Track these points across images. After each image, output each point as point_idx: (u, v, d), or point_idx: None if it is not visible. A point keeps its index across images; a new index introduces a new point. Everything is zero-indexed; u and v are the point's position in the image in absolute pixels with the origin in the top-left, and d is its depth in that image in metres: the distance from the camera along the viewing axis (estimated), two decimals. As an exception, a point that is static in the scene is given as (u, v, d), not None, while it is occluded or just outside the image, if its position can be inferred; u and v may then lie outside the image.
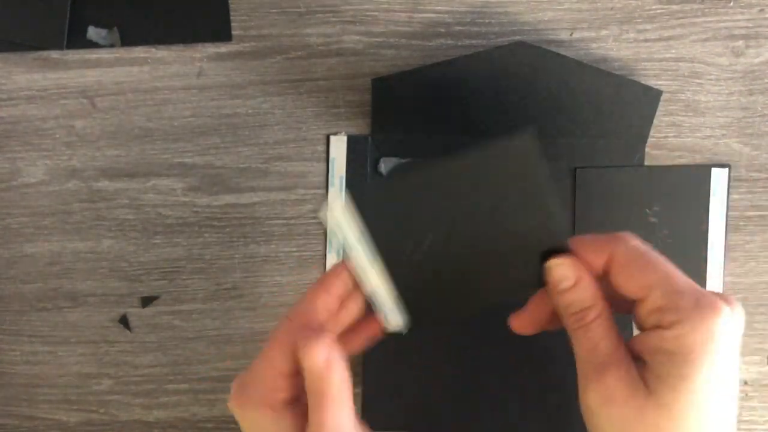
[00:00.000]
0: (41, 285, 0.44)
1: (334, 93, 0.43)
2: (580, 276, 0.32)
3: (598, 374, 0.30)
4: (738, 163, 0.44)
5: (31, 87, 0.43)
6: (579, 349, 0.31)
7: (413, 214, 0.32)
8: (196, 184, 0.44)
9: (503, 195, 0.31)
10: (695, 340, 0.28)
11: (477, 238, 0.32)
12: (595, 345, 0.31)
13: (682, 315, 0.29)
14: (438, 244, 0.32)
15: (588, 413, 0.31)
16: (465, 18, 0.43)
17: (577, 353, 0.32)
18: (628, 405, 0.29)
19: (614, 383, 0.30)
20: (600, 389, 0.30)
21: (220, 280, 0.44)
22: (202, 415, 0.45)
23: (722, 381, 0.29)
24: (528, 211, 0.32)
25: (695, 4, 0.43)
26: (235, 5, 0.43)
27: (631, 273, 0.31)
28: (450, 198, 0.32)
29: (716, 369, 0.28)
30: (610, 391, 0.29)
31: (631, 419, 0.29)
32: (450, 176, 0.31)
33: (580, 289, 0.31)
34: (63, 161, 0.44)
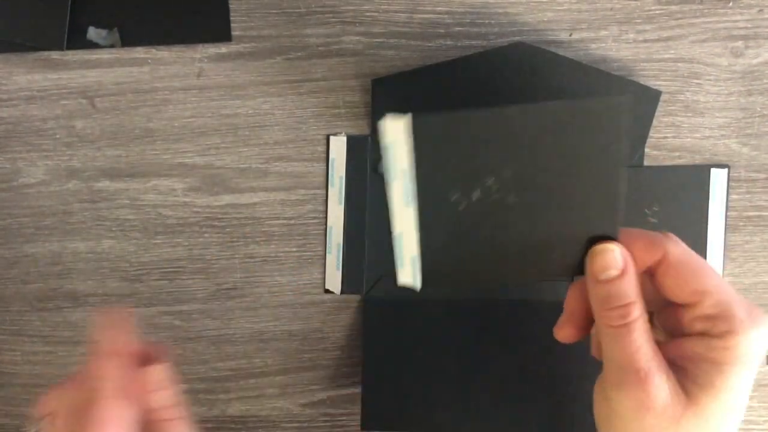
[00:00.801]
0: (42, 285, 0.44)
1: (334, 93, 0.43)
2: (627, 266, 0.30)
3: (637, 380, 0.29)
4: (737, 163, 0.44)
5: (31, 87, 0.43)
6: (615, 351, 0.29)
7: (473, 159, 0.28)
8: (196, 185, 0.44)
9: (575, 159, 0.29)
10: (746, 351, 0.28)
11: (530, 203, 0.29)
12: (637, 348, 0.29)
13: (736, 326, 0.28)
14: (488, 198, 0.29)
15: (614, 417, 0.30)
16: (465, 18, 0.43)
17: (613, 355, 0.30)
18: (665, 413, 0.29)
19: (655, 391, 0.29)
20: (639, 396, 0.29)
21: (220, 281, 0.44)
22: (202, 415, 0.45)
23: (749, 385, 0.30)
24: (593, 186, 0.29)
25: (694, 5, 0.43)
26: (235, 6, 0.43)
27: (684, 276, 0.30)
28: (518, 147, 0.28)
29: (751, 376, 0.29)
30: (650, 399, 0.29)
31: (665, 426, 0.29)
32: (528, 122, 0.28)
33: (625, 281, 0.29)
34: (63, 161, 0.44)
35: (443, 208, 0.29)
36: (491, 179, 0.28)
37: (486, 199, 0.29)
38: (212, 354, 0.45)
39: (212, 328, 0.45)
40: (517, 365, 0.44)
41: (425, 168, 0.28)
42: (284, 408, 0.45)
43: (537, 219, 0.29)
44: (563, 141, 0.28)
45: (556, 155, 0.28)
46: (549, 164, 0.29)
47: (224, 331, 0.45)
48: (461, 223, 0.29)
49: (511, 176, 0.28)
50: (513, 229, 0.30)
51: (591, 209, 0.29)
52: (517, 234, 0.30)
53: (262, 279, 0.44)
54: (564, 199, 0.29)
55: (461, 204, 0.29)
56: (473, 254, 0.30)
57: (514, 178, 0.28)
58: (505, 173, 0.28)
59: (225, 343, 0.45)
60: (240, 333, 0.45)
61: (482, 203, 0.29)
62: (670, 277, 0.30)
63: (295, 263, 0.44)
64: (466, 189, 0.28)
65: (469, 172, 0.28)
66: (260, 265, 0.44)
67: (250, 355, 0.45)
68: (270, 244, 0.44)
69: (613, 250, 0.30)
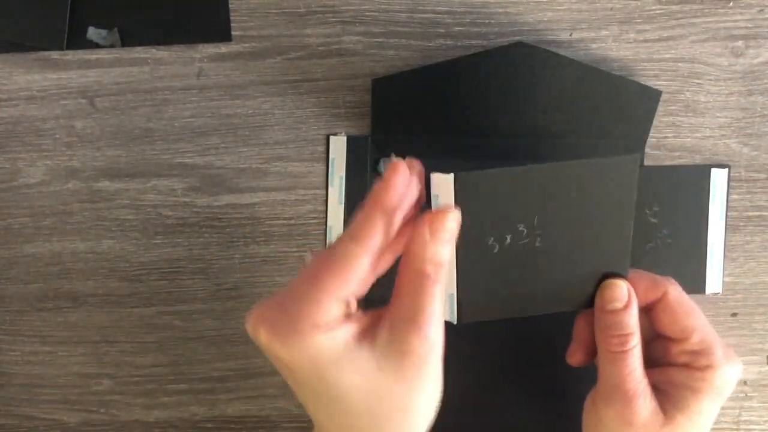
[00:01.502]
0: (41, 285, 0.44)
1: (334, 93, 0.43)
2: (631, 300, 0.34)
3: (625, 398, 0.34)
4: (737, 163, 0.44)
5: (31, 87, 0.43)
6: (613, 372, 0.34)
7: (507, 208, 0.33)
8: (196, 185, 0.44)
9: (591, 209, 0.33)
10: (721, 384, 0.34)
11: (554, 246, 0.34)
12: (631, 371, 0.34)
13: (715, 362, 0.34)
14: (518, 241, 0.33)
15: (601, 427, 0.35)
16: (465, 18, 0.43)
17: (608, 374, 0.35)
18: (645, 428, 0.34)
19: (638, 409, 0.34)
20: (624, 412, 0.34)
21: (220, 281, 0.44)
22: (202, 415, 0.45)
23: (717, 411, 0.35)
24: (607, 230, 0.34)
25: (695, 5, 0.43)
26: (235, 6, 0.43)
27: (678, 315, 0.35)
28: (545, 198, 0.33)
29: (720, 404, 0.35)
30: (634, 416, 0.34)
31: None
32: (550, 179, 0.32)
33: (628, 313, 0.34)
34: (63, 161, 0.44)
35: (480, 251, 0.33)
36: (521, 225, 0.33)
37: (516, 242, 0.33)
38: (212, 354, 0.45)
39: (212, 328, 0.45)
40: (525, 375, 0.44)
41: (467, 216, 0.32)
42: (284, 408, 0.45)
43: (559, 259, 0.34)
44: (583, 192, 0.33)
45: (576, 205, 0.33)
46: (570, 212, 0.33)
47: (224, 331, 0.45)
48: (495, 264, 0.33)
49: (537, 223, 0.33)
50: (539, 268, 0.34)
51: (604, 250, 0.34)
52: (542, 273, 0.34)
53: (262, 279, 0.44)
54: (582, 242, 0.34)
55: (495, 247, 0.33)
56: (504, 291, 0.34)
57: (540, 225, 0.33)
58: (533, 220, 0.33)
59: (225, 343, 0.45)
60: (240, 333, 0.45)
61: (513, 246, 0.33)
62: (666, 314, 0.35)
63: (295, 263, 0.44)
64: (500, 234, 0.33)
65: (503, 220, 0.33)
66: (260, 265, 0.44)
67: (250, 355, 0.45)
68: (270, 244, 0.44)
69: (621, 286, 0.34)
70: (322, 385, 0.30)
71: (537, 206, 0.33)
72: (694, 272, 0.44)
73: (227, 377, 0.45)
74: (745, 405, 0.45)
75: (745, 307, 0.45)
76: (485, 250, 0.33)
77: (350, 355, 0.30)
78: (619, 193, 0.33)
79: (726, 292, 0.44)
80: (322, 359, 0.29)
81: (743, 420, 0.45)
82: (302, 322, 0.29)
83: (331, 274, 0.29)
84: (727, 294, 0.44)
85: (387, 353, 0.30)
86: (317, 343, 0.29)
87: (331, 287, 0.29)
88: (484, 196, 0.32)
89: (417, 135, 0.43)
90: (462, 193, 0.32)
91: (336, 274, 0.29)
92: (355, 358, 0.30)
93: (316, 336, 0.29)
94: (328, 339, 0.29)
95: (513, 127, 0.43)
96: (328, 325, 0.29)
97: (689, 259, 0.44)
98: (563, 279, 0.35)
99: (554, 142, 0.43)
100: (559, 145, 0.43)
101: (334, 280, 0.29)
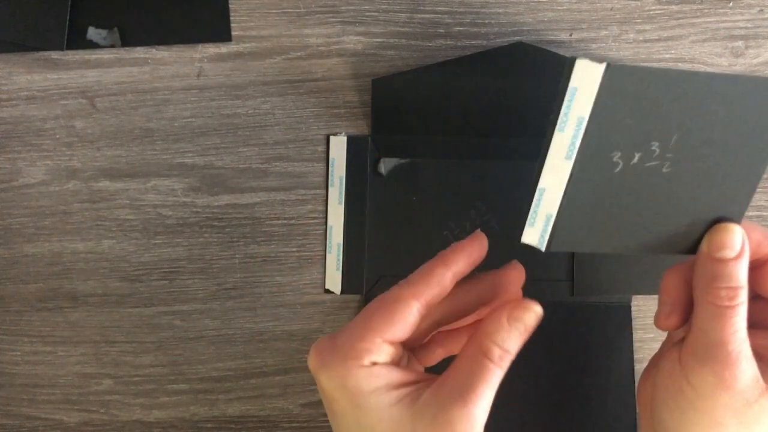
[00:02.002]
0: (41, 285, 0.44)
1: (334, 93, 0.43)
2: (744, 250, 0.31)
3: (728, 359, 0.30)
4: (737, 163, 0.44)
5: (31, 87, 0.43)
6: (715, 329, 0.31)
7: (648, 120, 0.28)
8: (196, 185, 0.44)
9: (733, 137, 0.29)
10: None
11: (679, 173, 0.29)
12: (735, 330, 0.30)
13: None
14: (645, 163, 0.29)
15: (688, 389, 0.31)
16: (465, 18, 0.43)
17: (707, 330, 0.31)
18: (743, 395, 0.30)
19: (739, 374, 0.30)
20: (725, 374, 0.30)
21: (221, 281, 0.44)
22: (202, 415, 0.45)
23: None
24: (738, 166, 0.30)
25: (694, 5, 0.43)
26: (235, 6, 0.43)
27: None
28: (689, 116, 0.28)
29: None
30: (734, 380, 0.30)
31: (737, 407, 0.30)
32: (707, 91, 0.28)
33: (740, 264, 0.31)
34: (63, 161, 0.44)
35: (601, 167, 0.28)
36: (656, 144, 0.28)
37: (644, 164, 0.28)
38: (212, 354, 0.45)
39: (212, 328, 0.45)
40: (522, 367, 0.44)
41: (603, 121, 0.27)
42: (284, 408, 0.45)
43: (680, 191, 0.30)
44: (732, 115, 0.28)
45: (721, 129, 0.29)
46: (710, 137, 0.29)
47: (224, 331, 0.45)
48: (611, 186, 0.29)
49: (674, 144, 0.28)
50: (657, 199, 0.30)
51: (726, 189, 0.30)
52: (658, 205, 0.30)
53: (262, 279, 0.44)
54: (709, 175, 0.30)
55: (619, 165, 0.28)
56: (610, 220, 0.30)
57: (675, 146, 0.28)
58: (671, 139, 0.28)
59: (225, 343, 0.45)
60: (240, 333, 0.45)
61: (637, 168, 0.29)
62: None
63: (295, 263, 0.44)
64: (629, 150, 0.28)
65: (640, 134, 0.28)
66: (260, 265, 0.44)
67: (250, 355, 0.45)
68: (270, 244, 0.44)
69: (736, 231, 0.31)
70: (356, 419, 0.30)
71: (680, 123, 0.28)
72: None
73: (227, 377, 0.45)
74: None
75: (745, 307, 0.45)
76: (607, 167, 0.28)
77: (388, 399, 0.30)
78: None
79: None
80: (360, 393, 0.30)
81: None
82: (346, 354, 0.30)
83: (380, 313, 0.31)
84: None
85: (425, 416, 0.29)
86: (357, 377, 0.30)
87: (378, 326, 0.30)
88: (630, 98, 0.27)
89: (417, 135, 0.43)
90: (608, 90, 0.27)
91: (384, 315, 0.31)
92: (393, 405, 0.30)
93: (358, 369, 0.30)
94: (368, 375, 0.30)
95: (513, 127, 0.43)
96: (372, 362, 0.30)
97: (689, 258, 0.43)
98: (676, 216, 0.30)
99: (554, 142, 0.43)
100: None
101: (381, 320, 0.30)
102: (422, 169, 0.43)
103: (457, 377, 0.30)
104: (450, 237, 0.43)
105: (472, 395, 0.29)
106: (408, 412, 0.29)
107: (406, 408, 0.29)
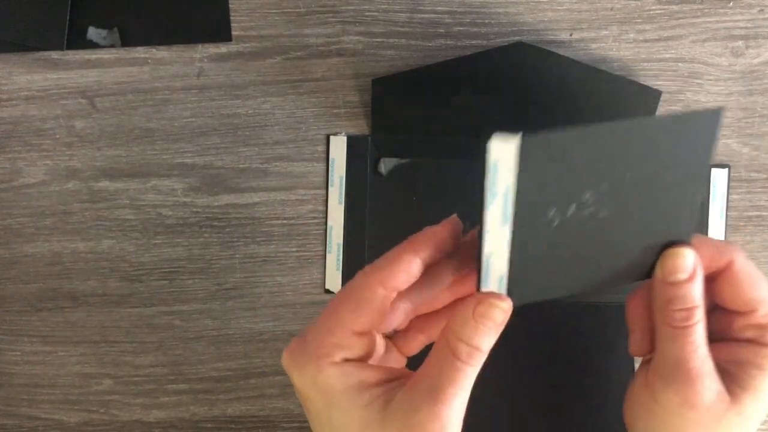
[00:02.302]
0: (42, 285, 0.44)
1: (334, 93, 0.43)
2: (696, 271, 0.31)
3: (689, 378, 0.30)
4: (737, 163, 0.44)
5: (31, 87, 0.43)
6: (675, 349, 0.31)
7: (575, 175, 0.28)
8: (196, 185, 0.44)
9: (664, 169, 0.30)
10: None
11: (619, 214, 0.30)
12: (695, 348, 0.31)
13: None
14: (582, 211, 0.29)
15: (658, 409, 0.32)
16: (465, 18, 0.43)
17: (667, 352, 0.31)
18: (709, 411, 0.31)
19: (703, 390, 0.30)
20: (688, 393, 0.30)
21: (221, 281, 0.44)
22: (202, 415, 0.45)
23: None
24: (676, 193, 0.30)
25: (695, 5, 0.43)
26: (235, 6, 0.43)
27: (744, 286, 0.32)
28: (617, 160, 0.29)
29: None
30: (698, 397, 0.30)
31: (707, 423, 0.31)
32: (627, 138, 0.29)
33: (693, 285, 0.31)
34: (63, 161, 0.44)
35: (539, 226, 0.29)
36: (589, 193, 0.29)
37: (581, 213, 0.29)
38: (212, 354, 0.45)
39: (212, 328, 0.45)
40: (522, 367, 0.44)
41: (530, 187, 0.28)
42: (284, 408, 0.45)
43: (622, 228, 0.30)
44: (658, 151, 0.29)
45: (650, 165, 0.29)
46: (642, 174, 0.29)
47: (224, 331, 0.45)
48: (554, 239, 0.30)
49: (606, 189, 0.29)
50: (601, 240, 0.30)
51: (669, 216, 0.31)
52: (604, 245, 0.31)
53: (262, 279, 0.44)
54: (648, 207, 0.30)
55: (556, 220, 0.29)
56: (560, 268, 0.31)
57: (609, 192, 0.29)
58: (602, 187, 0.29)
59: (225, 343, 0.45)
60: (240, 333, 0.45)
61: (576, 217, 0.29)
62: (730, 285, 0.32)
63: (295, 263, 0.44)
64: (563, 204, 0.29)
65: (570, 188, 0.29)
66: (260, 265, 0.44)
67: (250, 356, 0.45)
68: (270, 244, 0.44)
69: (686, 255, 0.31)
70: (329, 418, 0.29)
71: (607, 171, 0.29)
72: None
73: (227, 377, 0.45)
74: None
75: (745, 307, 0.45)
76: (544, 224, 0.29)
77: (360, 400, 0.29)
78: (696, 150, 0.29)
79: (726, 292, 0.44)
80: (332, 392, 0.29)
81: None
82: (316, 351, 0.29)
83: (346, 304, 0.29)
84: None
85: (396, 417, 0.28)
86: (328, 375, 0.29)
87: (345, 317, 0.29)
88: (553, 161, 0.28)
89: (417, 135, 0.43)
90: (527, 159, 0.27)
91: (350, 305, 0.29)
92: (365, 407, 0.29)
93: (329, 368, 0.29)
94: (340, 374, 0.29)
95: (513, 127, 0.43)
96: (343, 358, 0.29)
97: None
98: (624, 250, 0.31)
99: (554, 142, 0.43)
100: (559, 145, 0.43)
101: (347, 311, 0.29)
102: (422, 169, 0.43)
103: (427, 376, 0.29)
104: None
105: (441, 396, 0.28)
106: (379, 416, 0.28)
107: (377, 411, 0.28)
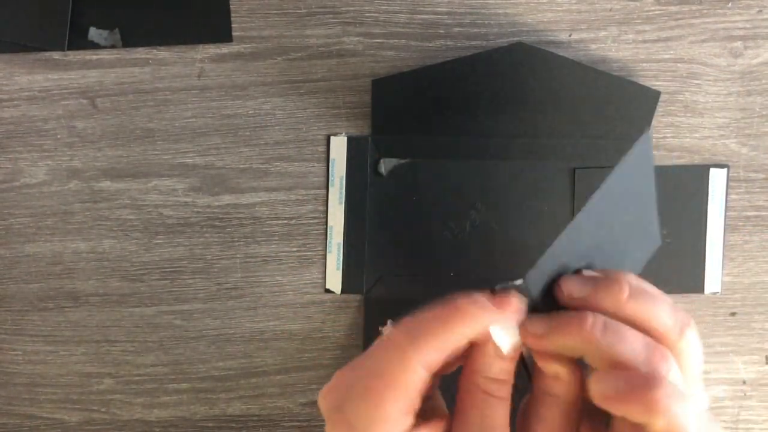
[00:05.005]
0: (43, 285, 0.45)
1: (334, 94, 0.43)
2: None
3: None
4: (736, 163, 0.44)
5: (32, 88, 0.43)
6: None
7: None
8: (197, 185, 0.44)
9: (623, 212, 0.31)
10: None
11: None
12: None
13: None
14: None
15: None
16: (464, 19, 0.43)
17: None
18: None
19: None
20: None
21: (221, 280, 0.44)
22: (203, 415, 0.45)
23: None
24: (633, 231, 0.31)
25: (693, 6, 0.43)
26: (236, 6, 0.43)
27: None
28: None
29: None
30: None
31: None
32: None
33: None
34: (64, 162, 0.44)
35: None
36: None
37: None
38: (213, 353, 0.45)
39: (213, 328, 0.45)
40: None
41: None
42: (285, 407, 0.45)
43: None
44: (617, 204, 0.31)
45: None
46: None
47: (225, 330, 0.45)
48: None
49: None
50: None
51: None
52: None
53: (262, 279, 0.44)
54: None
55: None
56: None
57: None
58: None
59: (225, 343, 0.45)
60: (240, 332, 0.45)
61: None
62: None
63: (296, 263, 0.44)
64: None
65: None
66: (261, 265, 0.44)
67: (251, 355, 0.45)
68: (270, 244, 0.44)
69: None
70: None
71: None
72: (693, 272, 0.44)
73: (228, 376, 0.45)
74: (744, 404, 0.45)
75: (744, 307, 0.45)
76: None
77: None
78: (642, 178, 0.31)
79: (725, 292, 0.44)
80: None
81: (742, 419, 0.45)
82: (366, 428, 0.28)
83: (385, 390, 0.27)
84: (725, 294, 0.45)
85: None
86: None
87: (389, 410, 0.27)
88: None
89: (417, 135, 0.43)
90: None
91: (389, 392, 0.27)
92: None
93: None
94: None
95: (513, 127, 0.43)
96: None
97: (688, 258, 0.44)
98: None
99: (553, 143, 0.43)
100: (558, 146, 0.43)
101: (390, 399, 0.27)
102: (422, 169, 0.43)
103: (468, 425, 0.28)
104: (450, 237, 0.43)
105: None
106: None
107: None
